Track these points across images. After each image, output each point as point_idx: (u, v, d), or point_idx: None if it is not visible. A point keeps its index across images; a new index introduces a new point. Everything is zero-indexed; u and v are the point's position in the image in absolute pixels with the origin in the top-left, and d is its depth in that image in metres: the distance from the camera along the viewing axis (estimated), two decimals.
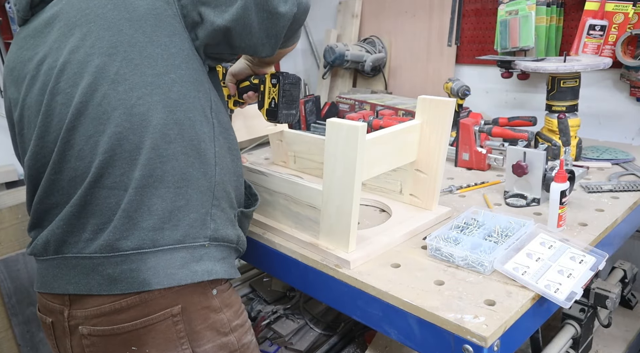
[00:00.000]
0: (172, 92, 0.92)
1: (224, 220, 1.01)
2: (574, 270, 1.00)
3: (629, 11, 1.72)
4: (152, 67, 0.91)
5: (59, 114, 0.92)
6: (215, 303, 0.98)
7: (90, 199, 0.91)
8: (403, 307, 0.95)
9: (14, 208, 2.10)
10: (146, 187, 0.90)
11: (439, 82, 2.36)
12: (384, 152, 1.14)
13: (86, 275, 0.92)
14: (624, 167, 1.60)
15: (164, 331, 0.93)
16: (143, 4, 0.93)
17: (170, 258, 0.92)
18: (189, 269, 0.93)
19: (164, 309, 0.92)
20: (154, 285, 0.90)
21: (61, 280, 0.95)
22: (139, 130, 0.90)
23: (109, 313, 0.92)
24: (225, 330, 0.99)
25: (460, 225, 1.16)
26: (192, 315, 0.94)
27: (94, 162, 0.90)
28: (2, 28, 1.99)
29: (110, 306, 0.92)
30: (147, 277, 0.90)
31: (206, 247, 0.96)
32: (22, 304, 2.12)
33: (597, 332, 1.58)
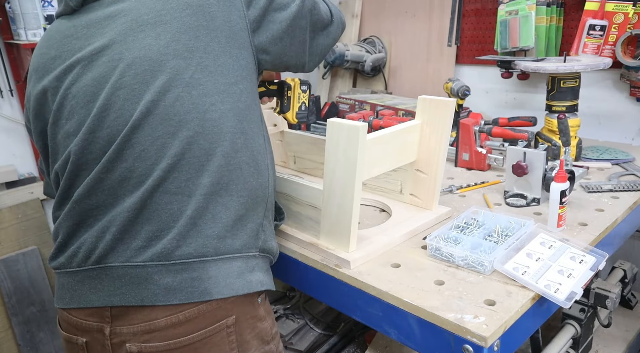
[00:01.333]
0: (241, 102, 0.94)
1: (270, 232, 1.03)
2: (574, 270, 1.00)
3: (629, 11, 1.72)
4: (224, 76, 0.92)
5: (120, 109, 0.87)
6: (261, 312, 0.97)
7: (149, 204, 0.87)
8: (403, 307, 0.95)
9: (14, 208, 2.10)
10: (213, 194, 0.89)
11: (439, 82, 2.36)
12: (385, 152, 1.14)
13: (137, 286, 0.87)
14: (624, 167, 1.60)
15: (218, 343, 0.90)
16: (220, 15, 0.93)
17: (229, 268, 0.91)
18: (244, 279, 0.92)
19: (220, 321, 0.90)
20: (214, 294, 0.88)
21: (102, 293, 0.89)
22: (211, 136, 0.89)
23: (164, 328, 0.87)
24: (268, 338, 0.99)
25: (460, 225, 1.16)
26: (242, 325, 0.94)
27: (159, 165, 0.87)
28: (2, 28, 1.99)
29: (165, 320, 0.86)
30: (208, 287, 0.88)
31: (257, 258, 0.96)
32: (22, 304, 2.12)
33: (597, 332, 1.58)
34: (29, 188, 2.15)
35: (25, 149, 2.18)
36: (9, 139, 2.13)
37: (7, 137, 2.12)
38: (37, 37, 1.90)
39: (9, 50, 2.05)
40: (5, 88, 2.07)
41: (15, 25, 1.94)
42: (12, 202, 2.10)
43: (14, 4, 1.88)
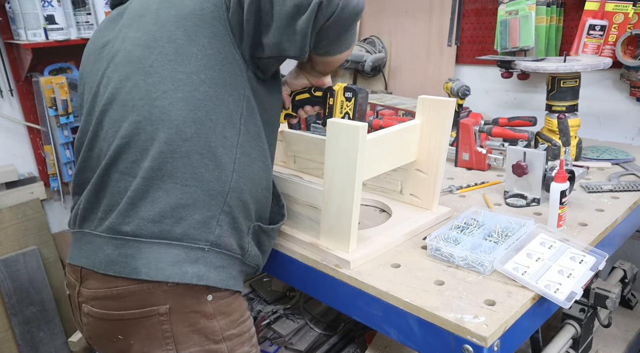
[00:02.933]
0: (198, 92, 0.94)
1: (232, 229, 0.99)
2: (574, 270, 1.00)
3: (629, 11, 1.72)
4: (184, 65, 0.93)
5: (101, 96, 0.99)
6: (207, 309, 0.96)
7: (105, 180, 0.96)
8: (403, 307, 0.95)
9: (13, 208, 2.11)
10: (154, 178, 0.92)
11: (439, 82, 2.36)
12: (385, 152, 1.14)
13: (94, 252, 0.96)
14: (624, 167, 1.60)
15: (148, 328, 0.94)
16: (191, 3, 0.95)
17: (164, 253, 0.92)
18: (180, 268, 0.92)
19: (151, 306, 0.93)
20: (142, 274, 0.91)
21: (78, 253, 1.00)
22: (156, 122, 0.92)
23: (102, 297, 0.95)
24: (216, 337, 0.98)
25: (460, 225, 1.16)
26: (180, 317, 0.94)
27: (112, 146, 0.94)
28: (2, 28, 1.99)
29: (104, 291, 0.94)
30: (138, 266, 0.91)
31: (205, 251, 0.95)
32: (22, 304, 2.12)
33: (597, 332, 1.58)
34: (29, 188, 2.16)
35: (25, 149, 2.18)
36: (9, 139, 2.13)
37: (7, 137, 2.12)
38: (37, 37, 1.90)
39: (9, 50, 2.05)
40: (5, 88, 2.07)
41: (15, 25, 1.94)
42: (12, 202, 2.10)
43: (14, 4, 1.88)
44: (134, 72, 0.95)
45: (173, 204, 0.93)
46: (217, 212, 0.96)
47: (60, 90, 2.06)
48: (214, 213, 0.96)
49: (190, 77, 0.93)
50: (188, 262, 0.93)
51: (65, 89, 2.07)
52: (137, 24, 0.99)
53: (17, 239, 2.13)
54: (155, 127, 0.92)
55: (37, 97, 2.11)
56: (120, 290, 0.93)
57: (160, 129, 0.92)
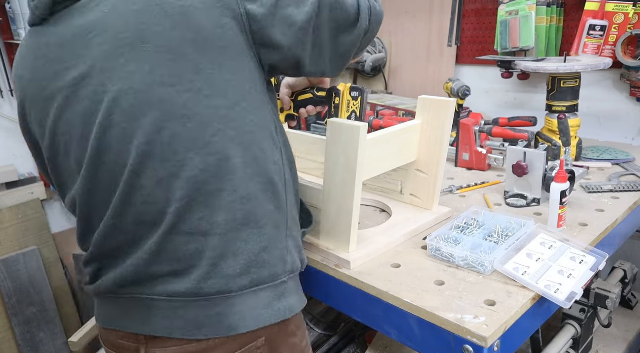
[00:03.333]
0: (246, 124, 0.83)
1: (296, 248, 0.95)
2: (574, 270, 1.00)
3: (629, 11, 1.72)
4: (223, 97, 0.80)
5: (116, 152, 0.80)
6: (291, 328, 0.95)
7: (165, 245, 0.83)
8: (403, 307, 0.95)
9: (13, 208, 2.11)
10: (230, 231, 0.83)
11: (439, 82, 2.36)
12: (385, 152, 1.14)
13: (165, 318, 0.86)
14: (624, 167, 1.60)
15: None
16: (209, 23, 0.78)
17: (256, 300, 0.87)
18: (272, 308, 0.88)
19: (249, 344, 0.88)
20: (240, 328, 0.85)
21: (135, 320, 0.89)
22: (218, 173, 0.81)
23: (194, 352, 0.87)
24: (297, 350, 0.98)
25: (460, 225, 1.16)
26: (273, 344, 0.92)
27: (170, 208, 0.81)
28: (2, 28, 1.99)
29: (194, 346, 0.86)
30: (233, 322, 0.85)
31: (286, 282, 0.91)
32: (22, 304, 2.12)
33: (597, 332, 1.58)
34: (29, 188, 2.16)
35: (25, 149, 2.17)
36: (9, 139, 2.13)
37: (7, 137, 2.12)
38: None
39: (9, 50, 2.05)
40: (6, 88, 2.07)
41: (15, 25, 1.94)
42: (12, 202, 2.10)
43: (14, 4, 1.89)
44: (164, 118, 0.77)
45: (255, 251, 0.86)
46: (285, 240, 0.91)
47: None
48: (284, 243, 0.91)
49: (234, 110, 0.81)
50: (276, 299, 0.89)
51: None
52: (134, 54, 0.77)
53: (17, 239, 2.13)
54: (218, 178, 0.81)
55: None
56: (217, 342, 0.86)
57: (224, 178, 0.81)
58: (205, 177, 0.80)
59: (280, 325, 0.91)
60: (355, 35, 0.90)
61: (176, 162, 0.79)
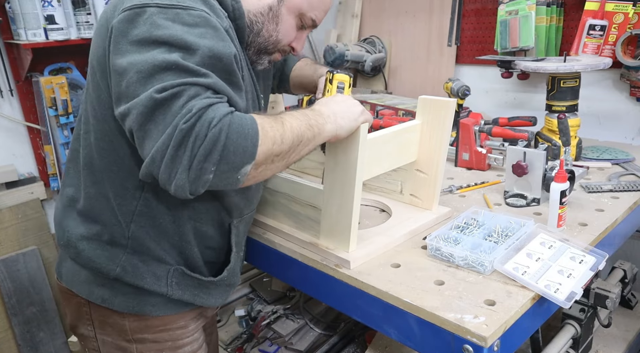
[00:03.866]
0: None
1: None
2: (574, 270, 1.00)
3: (629, 11, 1.72)
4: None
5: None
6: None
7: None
8: (403, 307, 0.95)
9: (13, 208, 2.10)
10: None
11: (439, 82, 2.35)
12: (385, 152, 1.14)
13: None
14: (624, 167, 1.60)
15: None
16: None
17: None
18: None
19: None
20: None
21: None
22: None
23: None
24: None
25: (460, 225, 1.16)
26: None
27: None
28: (2, 28, 1.98)
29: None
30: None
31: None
32: (22, 304, 2.12)
33: (597, 332, 1.58)
34: (29, 188, 2.15)
35: (25, 149, 2.18)
36: (9, 139, 2.12)
37: (7, 137, 2.12)
38: (37, 37, 1.90)
39: (9, 50, 2.04)
40: (5, 88, 2.07)
41: (15, 25, 1.94)
42: (12, 202, 2.10)
43: (14, 4, 1.88)
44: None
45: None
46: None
47: (60, 90, 2.06)
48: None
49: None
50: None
51: (65, 89, 2.07)
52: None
53: (17, 239, 2.12)
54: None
55: (37, 97, 2.11)
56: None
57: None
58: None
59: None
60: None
61: None
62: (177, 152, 0.77)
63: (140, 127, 0.80)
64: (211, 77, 0.83)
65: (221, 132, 0.77)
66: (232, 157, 0.79)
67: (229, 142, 0.78)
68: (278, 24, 1.06)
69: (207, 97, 0.81)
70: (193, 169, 0.78)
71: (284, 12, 1.06)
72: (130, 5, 0.86)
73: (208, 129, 0.77)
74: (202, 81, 0.81)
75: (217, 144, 0.77)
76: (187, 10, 0.86)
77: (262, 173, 0.87)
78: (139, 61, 0.81)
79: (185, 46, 0.82)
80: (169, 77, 0.80)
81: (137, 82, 0.81)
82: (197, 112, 0.77)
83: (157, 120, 0.79)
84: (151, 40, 0.83)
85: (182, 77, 0.80)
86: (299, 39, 1.12)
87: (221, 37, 0.88)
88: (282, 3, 1.05)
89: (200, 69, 0.82)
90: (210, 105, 0.79)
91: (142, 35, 0.83)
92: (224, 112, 0.79)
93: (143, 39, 0.83)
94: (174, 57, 0.81)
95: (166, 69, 0.80)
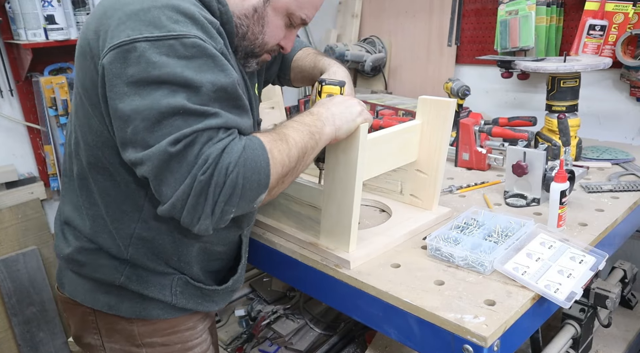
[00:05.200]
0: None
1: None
2: (574, 270, 1.00)
3: (629, 11, 1.72)
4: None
5: None
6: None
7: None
8: (403, 307, 0.95)
9: (13, 208, 2.10)
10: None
11: (439, 82, 2.35)
12: (385, 152, 1.14)
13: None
14: (624, 167, 1.60)
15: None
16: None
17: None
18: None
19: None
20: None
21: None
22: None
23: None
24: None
25: (460, 225, 1.16)
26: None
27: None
28: (2, 28, 1.99)
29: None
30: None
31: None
32: (22, 304, 2.12)
33: (597, 332, 1.58)
34: (29, 188, 2.15)
35: (25, 149, 2.18)
36: (9, 139, 2.12)
37: (7, 137, 2.12)
38: (37, 37, 1.90)
39: (9, 50, 2.04)
40: (5, 88, 2.07)
41: (15, 25, 1.94)
42: (12, 202, 2.10)
43: (14, 4, 1.88)
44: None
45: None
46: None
47: (60, 90, 2.06)
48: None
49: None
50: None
51: (65, 89, 2.07)
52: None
53: (17, 239, 2.12)
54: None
55: (37, 97, 2.11)
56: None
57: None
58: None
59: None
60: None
61: None
62: (198, 201, 0.79)
63: (156, 176, 0.81)
64: (221, 116, 0.81)
65: (238, 176, 0.80)
66: (250, 193, 0.83)
67: (245, 182, 0.81)
68: (264, 25, 1.00)
69: (220, 139, 0.81)
70: (216, 213, 0.81)
71: (270, 13, 1.00)
72: (118, 42, 0.80)
73: (226, 176, 0.79)
74: (212, 124, 0.80)
75: (236, 188, 0.80)
76: (179, 39, 0.81)
77: (274, 193, 0.90)
78: (142, 108, 0.79)
79: (187, 84, 0.79)
80: (177, 123, 0.79)
81: (145, 130, 0.79)
82: (213, 160, 0.78)
83: (173, 169, 0.79)
84: (150, 80, 0.79)
85: (192, 122, 0.79)
86: (288, 37, 1.07)
87: (220, 67, 0.84)
88: (267, 3, 0.99)
89: (208, 110, 0.80)
90: (224, 149, 0.80)
91: (138, 76, 0.79)
92: (238, 153, 0.80)
93: (141, 80, 0.79)
94: (180, 101, 0.79)
95: (173, 115, 0.79)
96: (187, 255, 1.03)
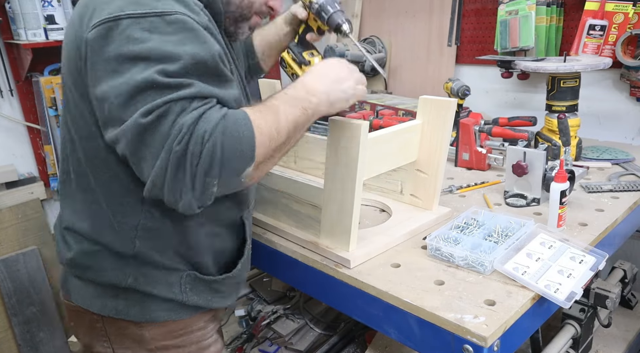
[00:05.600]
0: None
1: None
2: (574, 270, 1.00)
3: (629, 11, 1.72)
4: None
5: None
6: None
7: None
8: (403, 307, 0.95)
9: (13, 208, 2.10)
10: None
11: (439, 82, 2.35)
12: (386, 152, 1.14)
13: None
14: (624, 167, 1.60)
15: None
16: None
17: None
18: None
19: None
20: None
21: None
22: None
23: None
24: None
25: (460, 225, 1.16)
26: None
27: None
28: (2, 28, 1.99)
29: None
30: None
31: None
32: (22, 304, 2.12)
33: (597, 332, 1.58)
34: (29, 188, 2.15)
35: (25, 149, 2.18)
36: (9, 139, 2.13)
37: (7, 137, 2.12)
38: (37, 37, 1.90)
39: (9, 50, 2.05)
40: (5, 88, 2.07)
41: (15, 25, 1.94)
42: (12, 202, 2.10)
43: (14, 4, 1.88)
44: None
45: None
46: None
47: (60, 90, 2.06)
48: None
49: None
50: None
51: None
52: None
53: (17, 239, 2.12)
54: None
55: (37, 97, 2.11)
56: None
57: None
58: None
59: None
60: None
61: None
62: (176, 175, 0.76)
63: (133, 153, 0.79)
64: (194, 86, 0.79)
65: (215, 145, 0.76)
66: (232, 164, 0.78)
67: (225, 151, 0.77)
68: None
69: (194, 108, 0.78)
70: (197, 187, 0.78)
71: None
72: (102, 19, 0.80)
73: (202, 145, 0.75)
74: (185, 93, 0.77)
75: (214, 157, 0.76)
76: (162, 16, 0.80)
77: (263, 169, 0.86)
78: (118, 84, 0.78)
79: (165, 56, 0.78)
80: (150, 97, 0.77)
81: (119, 106, 0.78)
82: (188, 129, 0.75)
83: (148, 143, 0.77)
84: (129, 56, 0.78)
85: (165, 94, 0.77)
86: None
87: (202, 39, 0.82)
88: None
89: (182, 81, 0.78)
90: (200, 117, 0.77)
91: (117, 51, 0.79)
92: (216, 120, 0.77)
93: (119, 56, 0.79)
94: (154, 75, 0.77)
95: (146, 89, 0.77)
96: (195, 242, 1.00)
